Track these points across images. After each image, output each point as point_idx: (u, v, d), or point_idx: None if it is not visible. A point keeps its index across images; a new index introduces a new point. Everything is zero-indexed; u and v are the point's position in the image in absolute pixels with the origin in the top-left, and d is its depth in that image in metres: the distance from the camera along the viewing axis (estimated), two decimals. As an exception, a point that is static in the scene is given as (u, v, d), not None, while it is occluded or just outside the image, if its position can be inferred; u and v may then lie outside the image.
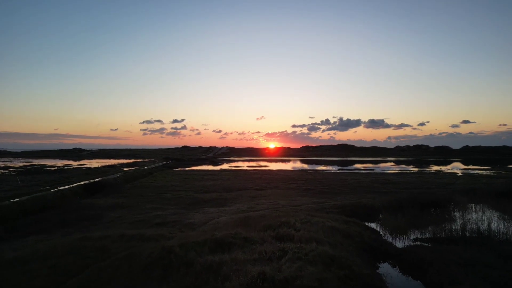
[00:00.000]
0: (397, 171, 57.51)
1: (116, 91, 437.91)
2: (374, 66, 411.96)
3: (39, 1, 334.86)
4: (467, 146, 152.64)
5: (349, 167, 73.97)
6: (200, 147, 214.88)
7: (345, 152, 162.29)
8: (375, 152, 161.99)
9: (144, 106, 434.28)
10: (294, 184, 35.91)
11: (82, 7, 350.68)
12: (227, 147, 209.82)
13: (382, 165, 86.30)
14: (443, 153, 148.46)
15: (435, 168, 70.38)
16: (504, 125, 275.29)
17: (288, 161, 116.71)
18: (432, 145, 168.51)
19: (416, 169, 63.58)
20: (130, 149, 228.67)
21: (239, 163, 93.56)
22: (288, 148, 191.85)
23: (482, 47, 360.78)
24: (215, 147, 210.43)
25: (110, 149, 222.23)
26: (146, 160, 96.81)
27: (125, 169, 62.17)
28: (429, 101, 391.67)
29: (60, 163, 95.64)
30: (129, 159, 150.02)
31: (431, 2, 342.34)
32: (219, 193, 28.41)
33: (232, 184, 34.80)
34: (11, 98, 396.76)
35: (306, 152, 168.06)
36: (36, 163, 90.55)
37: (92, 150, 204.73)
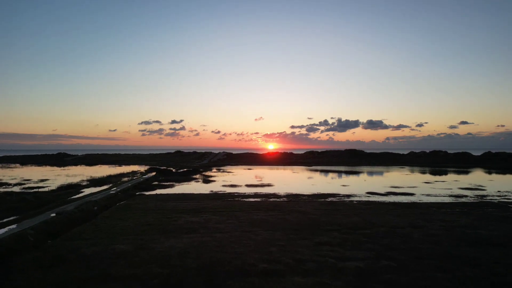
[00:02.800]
0: (451, 199, 42.24)
1: (115, 92, 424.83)
2: (372, 67, 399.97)
3: (40, 4, 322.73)
4: (489, 152, 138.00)
5: (376, 187, 58.48)
6: (195, 153, 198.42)
7: (354, 158, 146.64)
8: (388, 158, 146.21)
9: (143, 107, 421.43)
10: (328, 246, 20.73)
11: (84, 10, 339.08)
12: (223, 152, 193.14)
13: (407, 179, 70.88)
14: (464, 160, 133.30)
15: (488, 188, 54.71)
16: (502, 126, 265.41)
17: (294, 171, 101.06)
18: (431, 146, 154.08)
19: (470, 194, 47.84)
20: (119, 154, 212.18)
21: (237, 176, 78.29)
22: (291, 153, 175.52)
23: (479, 48, 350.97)
24: (210, 153, 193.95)
25: (97, 154, 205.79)
26: (125, 172, 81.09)
27: (83, 192, 46.84)
28: (427, 102, 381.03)
29: (22, 176, 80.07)
30: (115, 165, 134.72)
31: (429, 5, 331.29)
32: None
33: (221, 250, 19.44)
34: (10, 99, 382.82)
35: (312, 159, 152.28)
36: (-10, 177, 75.00)
37: (77, 155, 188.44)
